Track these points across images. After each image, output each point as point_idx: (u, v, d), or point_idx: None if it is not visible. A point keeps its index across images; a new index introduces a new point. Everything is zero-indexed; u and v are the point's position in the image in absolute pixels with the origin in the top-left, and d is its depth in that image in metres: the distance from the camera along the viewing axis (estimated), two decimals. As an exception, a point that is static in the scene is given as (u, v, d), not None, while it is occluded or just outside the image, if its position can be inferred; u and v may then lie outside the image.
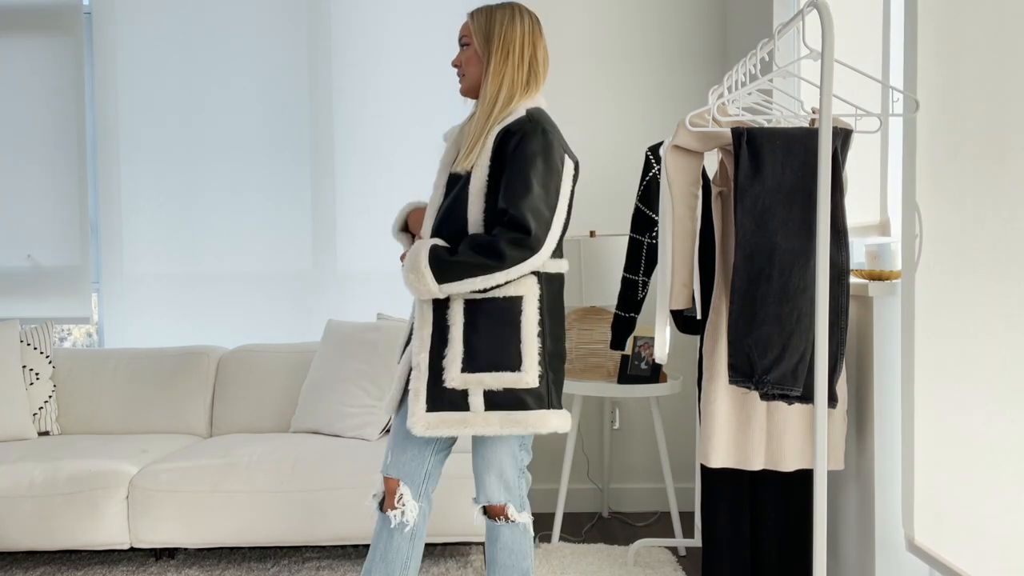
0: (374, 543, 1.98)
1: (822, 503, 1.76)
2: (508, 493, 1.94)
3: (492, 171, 1.87)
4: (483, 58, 1.93)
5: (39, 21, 3.61)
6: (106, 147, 3.63)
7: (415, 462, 1.94)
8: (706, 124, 2.12)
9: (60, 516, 2.67)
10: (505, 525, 1.95)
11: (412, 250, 1.87)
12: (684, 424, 3.63)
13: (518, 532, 1.95)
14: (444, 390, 1.85)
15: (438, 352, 1.87)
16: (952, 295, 1.79)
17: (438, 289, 1.83)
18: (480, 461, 1.95)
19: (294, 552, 3.03)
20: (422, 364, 1.87)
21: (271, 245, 3.65)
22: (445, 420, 1.85)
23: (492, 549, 1.97)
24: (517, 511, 1.95)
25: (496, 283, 1.82)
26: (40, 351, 3.31)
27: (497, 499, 1.94)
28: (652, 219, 2.86)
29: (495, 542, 1.96)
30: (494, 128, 1.89)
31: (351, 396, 3.05)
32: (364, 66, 3.63)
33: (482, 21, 1.94)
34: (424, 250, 1.84)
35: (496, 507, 1.95)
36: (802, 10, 1.87)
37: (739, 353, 1.96)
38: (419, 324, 1.90)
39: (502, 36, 1.91)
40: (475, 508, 2.00)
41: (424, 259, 1.83)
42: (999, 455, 1.63)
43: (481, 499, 1.97)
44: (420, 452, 1.94)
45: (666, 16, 3.62)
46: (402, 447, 1.94)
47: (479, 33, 1.93)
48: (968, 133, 1.73)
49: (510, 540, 1.95)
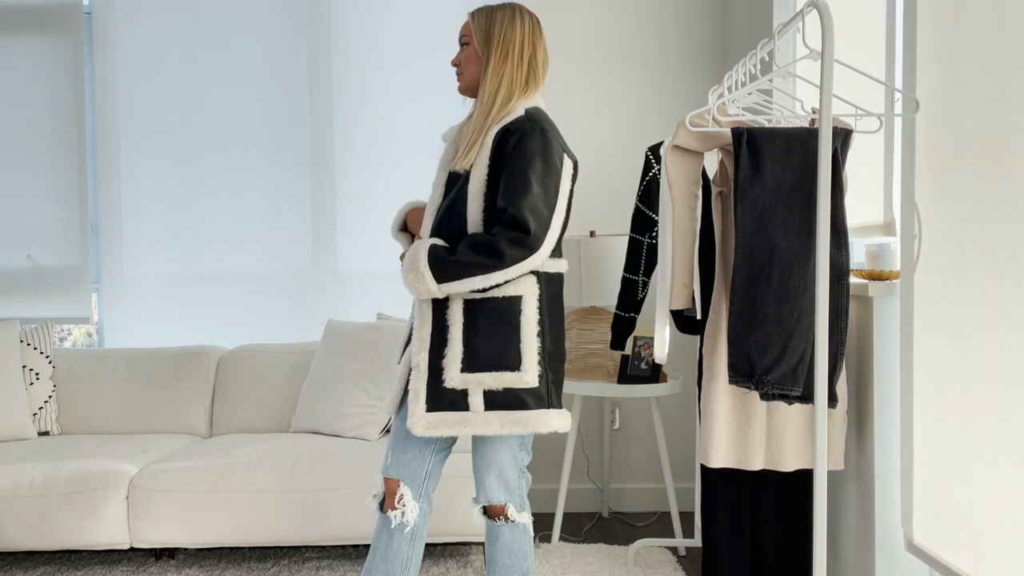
0: (374, 543, 1.98)
1: (822, 503, 1.76)
2: (508, 493, 1.94)
3: (491, 170, 1.87)
4: (482, 57, 1.93)
5: (39, 21, 3.61)
6: (106, 147, 3.64)
7: (415, 462, 1.94)
8: (706, 124, 2.12)
9: (60, 516, 2.67)
10: (505, 525, 1.95)
11: (411, 250, 1.87)
12: (684, 424, 3.63)
13: (518, 532, 1.95)
14: (444, 390, 1.85)
15: (438, 352, 1.87)
16: (952, 295, 1.80)
17: (437, 289, 1.83)
18: (480, 461, 1.95)
19: (294, 552, 3.03)
20: (422, 364, 1.87)
21: (271, 245, 3.65)
22: (445, 420, 1.85)
23: (492, 549, 1.97)
24: (517, 511, 1.95)
25: (495, 282, 1.82)
26: (40, 351, 3.31)
27: (497, 499, 1.94)
28: (652, 219, 2.86)
29: (495, 542, 1.96)
30: (493, 127, 1.89)
31: (351, 396, 3.05)
32: (364, 66, 3.63)
33: (482, 21, 1.94)
34: (423, 250, 1.84)
35: (496, 507, 1.95)
36: (802, 10, 1.87)
37: (739, 353, 1.96)
38: (418, 324, 1.90)
39: (502, 36, 1.91)
40: (475, 508, 1.99)
41: (423, 259, 1.83)
42: (998, 455, 1.64)
43: (481, 499, 1.97)
44: (420, 452, 1.94)
45: (666, 16, 3.62)
46: (402, 447, 1.94)
47: (479, 32, 1.93)
48: (968, 133, 1.73)
49: (510, 540, 1.95)
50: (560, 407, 1.92)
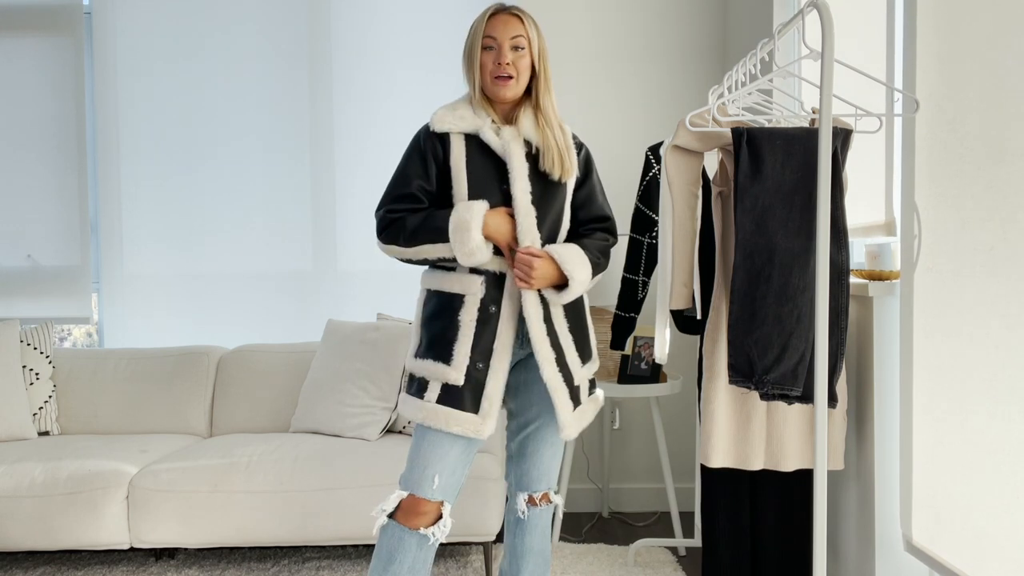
0: (393, 556, 1.87)
1: (822, 503, 1.76)
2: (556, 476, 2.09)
3: (577, 181, 2.03)
4: (538, 69, 1.94)
5: (39, 21, 3.61)
6: (106, 147, 3.64)
7: (458, 481, 1.92)
8: (706, 124, 2.12)
9: (60, 516, 2.67)
10: (545, 508, 2.05)
11: (574, 252, 1.93)
12: (684, 424, 3.63)
13: (549, 514, 2.07)
14: (575, 388, 1.95)
15: (560, 355, 1.93)
16: (951, 295, 1.79)
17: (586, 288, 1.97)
18: (550, 451, 2.04)
19: (294, 552, 3.03)
20: (555, 371, 1.92)
21: (271, 245, 3.65)
22: (579, 419, 1.96)
23: (529, 537, 2.04)
24: (554, 492, 2.10)
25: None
26: (40, 351, 3.31)
27: (554, 484, 2.07)
28: (652, 219, 2.86)
29: (534, 529, 2.04)
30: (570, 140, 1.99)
31: (351, 396, 3.05)
32: (364, 65, 3.63)
33: (536, 32, 1.94)
34: (589, 252, 1.97)
35: (547, 492, 2.06)
36: (802, 10, 1.87)
37: (739, 353, 1.96)
38: (537, 334, 1.89)
39: (546, 52, 1.97)
40: (520, 497, 2.04)
41: (588, 260, 1.95)
42: (998, 455, 1.63)
43: (543, 486, 2.04)
44: (463, 470, 1.93)
45: (666, 16, 3.61)
46: (451, 469, 1.89)
47: (534, 44, 1.93)
48: (968, 133, 1.73)
49: (544, 523, 2.06)
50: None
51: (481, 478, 2.68)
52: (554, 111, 1.96)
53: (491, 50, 1.91)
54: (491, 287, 1.89)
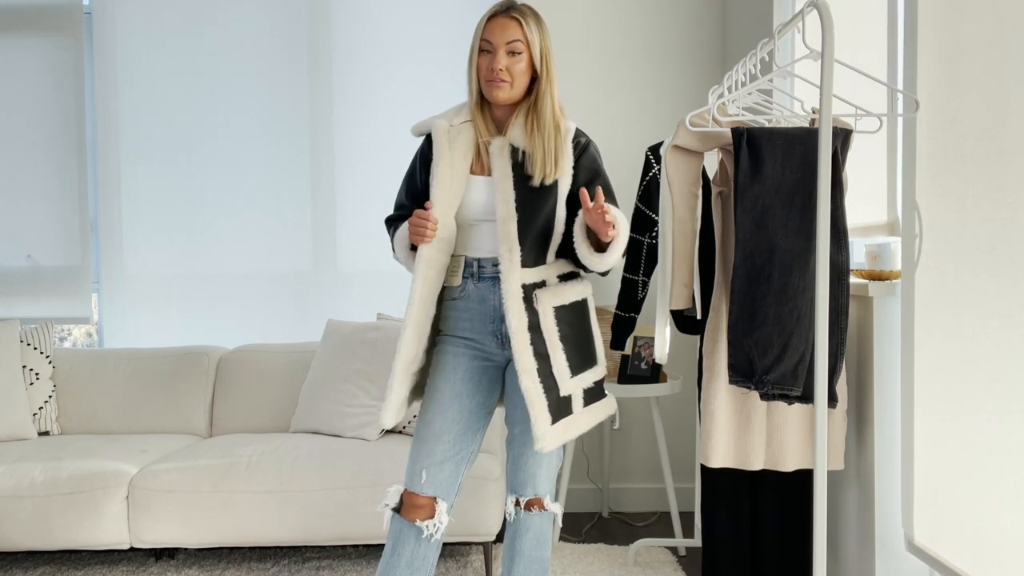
0: (395, 549, 1.93)
1: (822, 503, 1.76)
2: (550, 483, 2.03)
3: (574, 178, 1.96)
4: (539, 71, 1.93)
5: (39, 21, 3.61)
6: (106, 147, 3.63)
7: (452, 478, 1.94)
8: (706, 124, 2.12)
9: (60, 516, 2.67)
10: (537, 515, 2.01)
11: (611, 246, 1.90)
12: (684, 424, 3.63)
13: (547, 521, 2.03)
14: (560, 399, 1.90)
15: (544, 363, 1.89)
16: (952, 295, 1.79)
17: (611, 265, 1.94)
18: (535, 458, 1.99)
19: (294, 552, 3.03)
20: (535, 380, 1.87)
21: (271, 245, 3.65)
22: (566, 428, 1.92)
23: (520, 541, 2.01)
24: (551, 501, 2.03)
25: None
26: (40, 351, 3.31)
27: (544, 490, 2.01)
28: (652, 219, 2.86)
29: (525, 533, 2.00)
30: (568, 139, 1.96)
31: (351, 396, 3.05)
32: (364, 65, 3.63)
33: (536, 34, 1.91)
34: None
35: (538, 499, 2.01)
36: (802, 10, 1.86)
37: (739, 353, 1.96)
38: (519, 343, 1.86)
39: (550, 52, 1.94)
40: (508, 500, 2.03)
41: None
42: (999, 455, 1.63)
43: (529, 492, 2.00)
44: (457, 468, 1.95)
45: (666, 16, 3.61)
46: (439, 465, 1.92)
47: (536, 47, 1.91)
48: (968, 133, 1.73)
49: (539, 529, 2.02)
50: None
51: (481, 478, 2.68)
52: (553, 113, 1.94)
53: (487, 53, 1.91)
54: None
